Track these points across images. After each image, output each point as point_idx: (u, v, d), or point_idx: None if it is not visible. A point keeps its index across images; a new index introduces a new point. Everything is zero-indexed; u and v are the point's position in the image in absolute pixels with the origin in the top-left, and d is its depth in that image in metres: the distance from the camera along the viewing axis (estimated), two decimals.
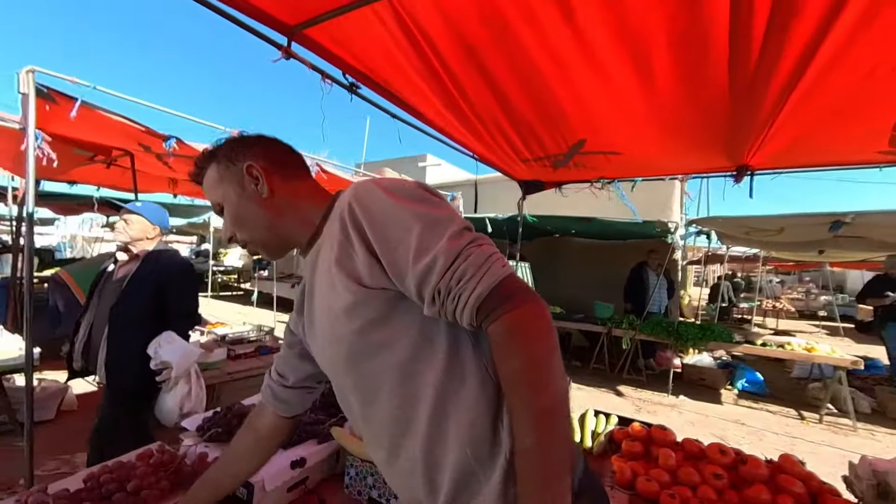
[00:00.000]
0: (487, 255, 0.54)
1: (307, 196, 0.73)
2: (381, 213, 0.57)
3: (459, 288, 0.53)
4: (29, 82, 1.44)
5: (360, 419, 0.66)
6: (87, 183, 4.46)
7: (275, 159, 0.72)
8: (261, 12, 1.23)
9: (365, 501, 1.15)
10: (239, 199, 0.70)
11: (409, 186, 0.61)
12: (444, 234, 0.54)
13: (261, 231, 0.72)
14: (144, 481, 0.88)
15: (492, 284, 0.52)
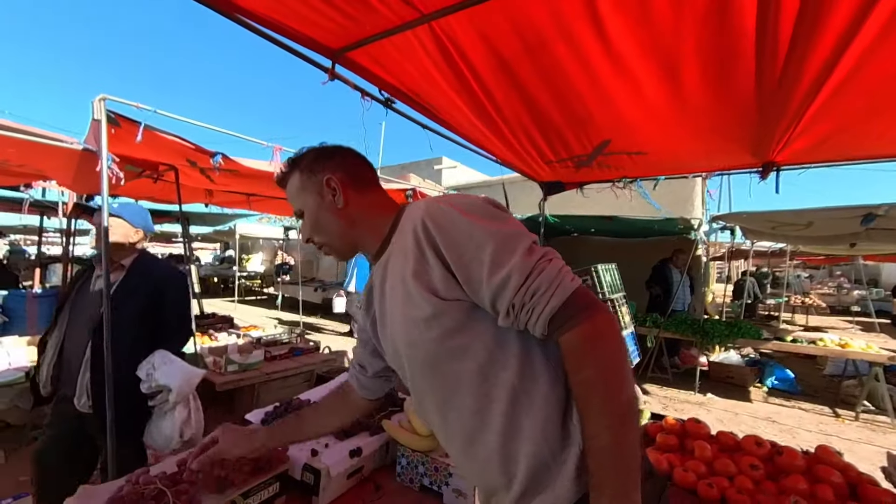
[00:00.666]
0: (558, 270, 0.59)
1: (377, 207, 0.79)
2: (455, 232, 0.62)
3: (533, 302, 0.57)
4: (101, 109, 1.60)
5: (438, 416, 0.72)
6: (128, 196, 4.73)
7: (351, 171, 0.79)
8: (308, 39, 1.34)
9: (417, 489, 1.24)
10: (318, 208, 0.77)
11: (479, 203, 0.66)
12: (516, 249, 0.59)
13: (334, 238, 0.80)
14: (228, 466, 0.99)
15: (564, 298, 0.57)
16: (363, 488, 1.22)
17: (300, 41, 1.35)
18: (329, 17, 1.19)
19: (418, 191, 4.13)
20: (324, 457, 1.18)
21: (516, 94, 1.50)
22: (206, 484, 0.95)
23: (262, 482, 1.03)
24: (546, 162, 2.35)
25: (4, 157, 2.58)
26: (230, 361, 3.08)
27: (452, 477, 1.18)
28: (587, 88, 1.44)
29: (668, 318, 4.68)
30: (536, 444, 0.62)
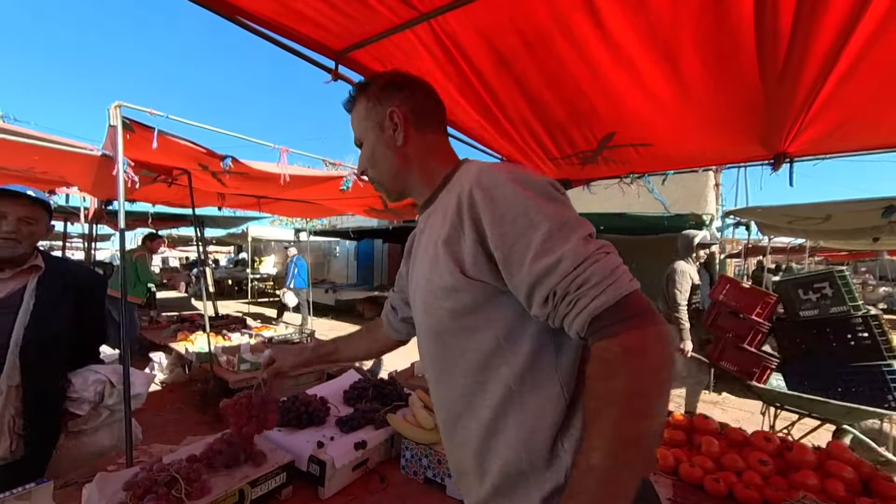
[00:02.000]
0: (616, 266, 0.52)
1: (436, 153, 0.75)
2: (506, 206, 0.56)
3: (578, 293, 0.50)
4: (117, 116, 1.66)
5: (433, 382, 0.73)
6: (143, 201, 4.88)
7: (417, 108, 0.74)
8: (311, 40, 1.37)
9: (421, 481, 1.26)
10: (376, 141, 0.74)
11: (540, 181, 0.59)
12: (571, 236, 0.53)
13: (387, 176, 0.77)
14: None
15: (617, 297, 0.49)
16: (368, 480, 1.25)
17: (303, 43, 1.38)
18: (330, 19, 1.22)
19: None
20: (329, 449, 1.21)
21: (518, 90, 1.51)
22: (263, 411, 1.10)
23: (268, 472, 1.06)
24: (551, 159, 2.34)
25: (30, 165, 2.70)
26: (243, 360, 3.15)
27: None
28: (589, 81, 1.44)
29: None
30: (515, 452, 0.59)
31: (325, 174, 3.23)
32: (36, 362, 1.23)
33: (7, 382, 1.18)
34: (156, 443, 2.78)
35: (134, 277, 4.55)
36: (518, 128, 1.88)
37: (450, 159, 0.76)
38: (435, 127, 0.76)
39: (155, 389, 3.93)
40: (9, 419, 1.19)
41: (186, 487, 0.91)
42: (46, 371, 1.29)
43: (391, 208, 4.60)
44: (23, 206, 1.27)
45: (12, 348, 1.19)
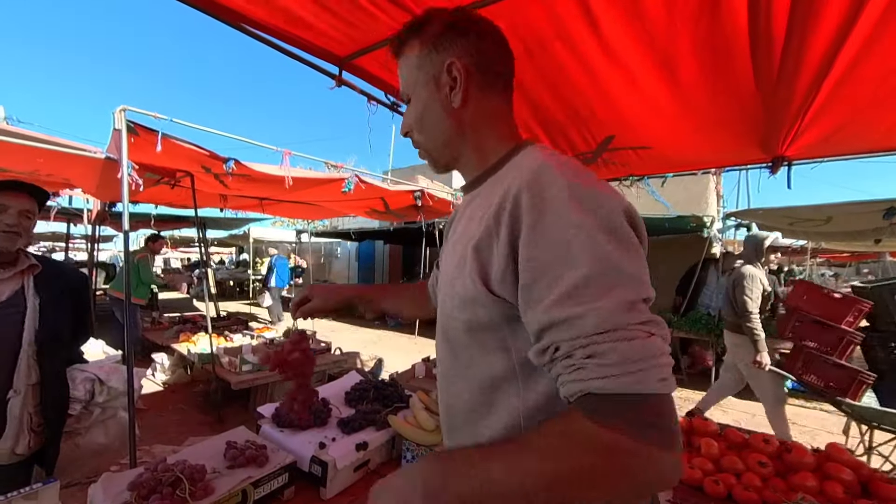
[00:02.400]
0: (654, 354, 0.40)
1: (497, 125, 0.62)
2: (550, 225, 0.45)
3: (584, 363, 0.41)
4: (122, 120, 1.68)
5: (440, 378, 0.68)
6: (147, 202, 4.91)
7: (483, 61, 0.59)
8: (316, 47, 1.39)
9: None
10: (429, 99, 0.60)
11: (608, 207, 0.46)
12: (613, 291, 0.41)
13: (436, 143, 0.64)
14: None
15: (631, 390, 0.39)
16: (370, 481, 1.26)
17: (307, 49, 1.41)
18: (333, 27, 1.24)
19: (426, 192, 4.17)
20: (331, 450, 1.22)
21: (519, 94, 1.52)
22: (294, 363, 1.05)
23: (271, 473, 1.07)
24: None
25: (35, 168, 2.73)
26: (244, 361, 3.17)
27: None
28: (588, 86, 1.46)
29: (683, 316, 4.60)
30: None
31: (327, 176, 3.26)
32: (49, 361, 1.26)
33: (25, 382, 1.22)
34: (158, 443, 2.81)
35: (136, 279, 4.58)
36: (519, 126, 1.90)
37: (511, 136, 0.62)
38: (501, 89, 0.62)
39: (157, 390, 3.95)
40: (27, 417, 1.23)
41: (190, 487, 0.93)
42: (57, 370, 1.31)
43: (393, 210, 4.62)
44: (24, 199, 1.27)
45: (25, 348, 1.21)
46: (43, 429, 1.27)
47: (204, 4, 1.11)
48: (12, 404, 1.20)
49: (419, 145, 0.66)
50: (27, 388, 1.22)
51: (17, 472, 1.25)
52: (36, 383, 1.25)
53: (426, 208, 4.39)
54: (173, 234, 10.89)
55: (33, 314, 1.23)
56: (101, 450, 1.60)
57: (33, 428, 1.25)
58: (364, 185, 3.24)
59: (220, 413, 3.27)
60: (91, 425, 1.56)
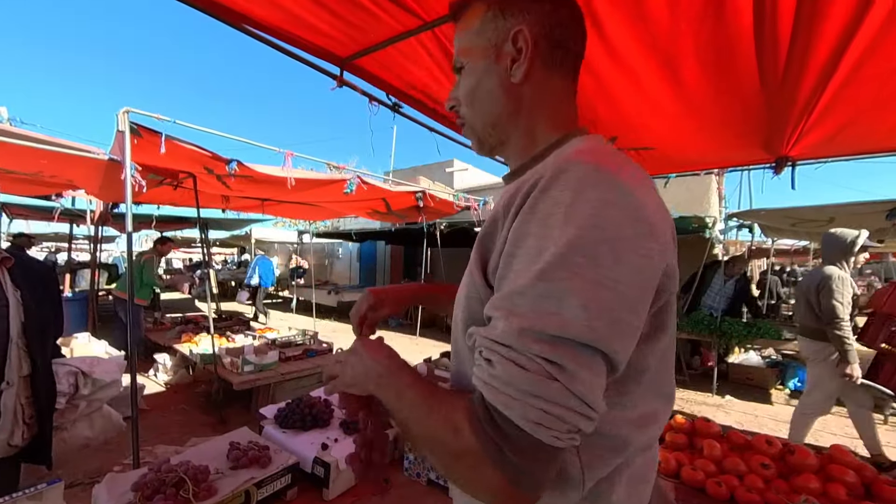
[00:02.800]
0: (541, 395, 0.36)
1: (555, 109, 0.54)
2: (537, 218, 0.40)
3: (481, 361, 0.40)
4: (125, 121, 1.69)
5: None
6: (149, 203, 4.93)
7: (555, 33, 0.52)
8: (317, 48, 1.39)
9: (424, 483, 1.27)
10: (485, 71, 0.54)
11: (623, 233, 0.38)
12: (540, 315, 0.37)
13: (484, 121, 0.56)
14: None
15: (501, 409, 0.37)
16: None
17: (309, 50, 1.41)
18: (335, 27, 1.24)
19: (427, 193, 4.18)
20: (333, 451, 1.22)
21: None
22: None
23: (274, 474, 1.07)
24: None
25: (38, 169, 2.74)
26: (246, 362, 3.17)
27: None
28: (591, 87, 1.45)
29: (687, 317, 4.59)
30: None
31: (329, 177, 3.26)
32: (39, 353, 1.27)
33: (17, 374, 1.22)
34: (160, 444, 2.81)
35: (138, 280, 4.60)
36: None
37: (567, 123, 0.55)
38: (569, 69, 0.55)
39: (159, 390, 3.95)
40: (20, 409, 1.24)
41: (194, 488, 0.93)
42: (47, 361, 1.33)
43: (394, 211, 4.63)
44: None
45: (15, 340, 1.22)
46: (35, 420, 1.29)
47: (206, 5, 1.11)
48: (6, 396, 1.20)
49: (466, 122, 0.59)
50: (19, 380, 1.23)
51: (8, 465, 1.27)
52: (27, 375, 1.26)
53: (427, 209, 4.39)
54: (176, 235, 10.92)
55: (17, 307, 1.23)
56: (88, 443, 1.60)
57: (26, 420, 1.26)
58: (366, 185, 3.24)
59: (222, 413, 3.28)
60: (76, 419, 1.56)
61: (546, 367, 0.36)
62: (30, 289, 1.28)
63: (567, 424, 0.36)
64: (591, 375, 0.37)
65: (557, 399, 0.36)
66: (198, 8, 1.12)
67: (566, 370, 0.36)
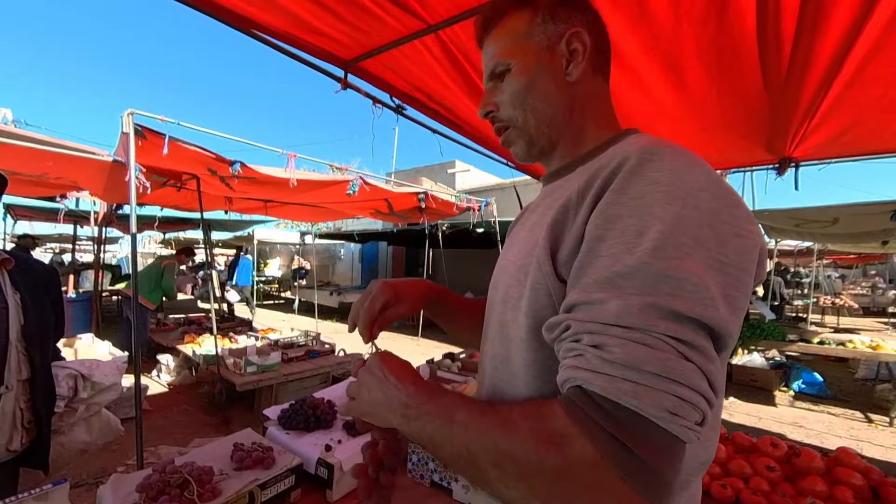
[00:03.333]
0: (673, 376, 0.32)
1: (600, 109, 0.55)
2: (631, 198, 0.38)
3: (585, 349, 0.35)
4: (129, 123, 1.70)
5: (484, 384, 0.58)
6: (153, 204, 4.95)
7: (599, 40, 0.54)
8: (321, 51, 1.40)
9: (427, 484, 1.26)
10: (538, 69, 0.53)
11: (723, 200, 0.38)
12: (658, 293, 0.33)
13: (538, 119, 0.54)
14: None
15: (619, 400, 0.32)
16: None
17: (314, 53, 1.41)
18: (340, 31, 1.25)
19: (430, 194, 4.18)
20: (337, 452, 1.22)
21: None
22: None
23: (277, 475, 1.07)
24: None
25: (44, 171, 2.76)
26: (249, 363, 3.18)
27: None
28: None
29: None
30: None
31: (332, 178, 3.27)
32: (39, 356, 1.25)
33: (16, 377, 1.19)
34: (163, 444, 2.82)
35: (155, 283, 4.61)
36: None
37: (613, 123, 0.56)
38: (606, 73, 0.56)
39: (162, 391, 3.97)
40: (19, 413, 1.21)
41: (198, 489, 0.93)
42: (47, 364, 1.31)
43: (396, 212, 4.64)
44: None
45: (15, 343, 1.19)
46: (33, 425, 1.27)
47: (214, 10, 1.12)
48: (4, 400, 1.18)
49: (511, 124, 0.56)
50: (18, 385, 1.20)
51: (7, 470, 1.24)
52: (27, 379, 1.23)
53: (429, 210, 4.40)
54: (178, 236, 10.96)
55: (16, 309, 1.20)
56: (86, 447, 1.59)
57: (24, 424, 1.24)
58: (368, 187, 3.25)
59: (225, 414, 3.29)
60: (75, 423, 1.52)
61: (678, 346, 0.32)
62: (30, 291, 1.26)
63: (698, 413, 0.32)
64: (716, 357, 0.34)
65: (693, 382, 0.32)
66: (206, 13, 1.13)
67: (698, 349, 0.33)
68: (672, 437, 0.32)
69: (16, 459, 1.26)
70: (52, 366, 1.41)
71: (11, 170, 2.76)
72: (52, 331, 1.35)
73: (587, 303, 0.37)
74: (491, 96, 0.58)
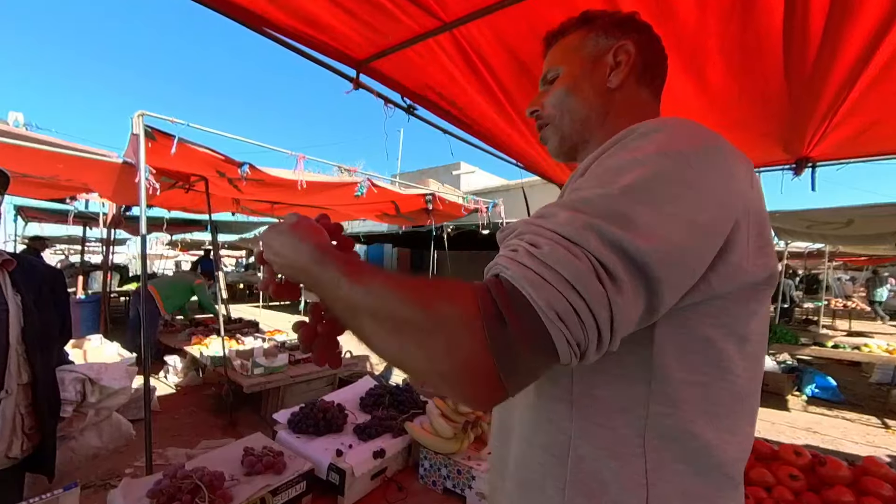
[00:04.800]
0: (582, 292, 0.32)
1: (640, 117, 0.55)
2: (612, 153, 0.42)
3: (519, 244, 0.36)
4: (139, 125, 1.70)
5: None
6: (159, 206, 4.98)
7: (650, 57, 0.60)
8: (334, 50, 1.39)
9: (440, 491, 1.24)
10: (581, 75, 0.60)
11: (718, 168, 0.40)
12: (610, 219, 0.34)
13: (573, 118, 0.61)
14: None
15: (521, 285, 0.33)
16: (387, 489, 1.24)
17: (326, 53, 1.40)
18: (354, 29, 1.23)
19: (437, 196, 4.16)
20: (348, 457, 1.20)
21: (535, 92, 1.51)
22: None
23: (289, 481, 1.06)
24: (568, 164, 2.33)
25: (55, 173, 2.78)
26: (256, 365, 3.17)
27: (476, 480, 1.17)
28: None
29: None
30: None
31: (340, 181, 3.27)
32: (40, 360, 1.22)
33: (16, 381, 1.17)
34: (171, 446, 2.82)
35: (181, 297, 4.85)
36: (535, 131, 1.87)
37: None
38: (655, 90, 0.61)
39: (169, 392, 3.98)
40: (19, 419, 1.18)
41: (210, 495, 0.92)
42: (49, 369, 1.28)
43: (403, 214, 4.62)
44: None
45: (15, 346, 1.16)
46: (36, 431, 1.24)
47: (227, 8, 1.11)
48: (4, 405, 1.15)
49: (550, 122, 0.63)
50: (18, 389, 1.18)
51: (8, 477, 1.21)
52: (28, 383, 1.20)
53: (437, 212, 4.38)
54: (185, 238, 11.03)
55: (17, 312, 1.17)
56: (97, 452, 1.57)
57: (26, 430, 1.21)
58: (376, 189, 3.24)
59: (232, 416, 3.28)
60: (85, 428, 1.50)
61: (598, 268, 0.33)
62: (32, 293, 1.23)
63: (582, 336, 0.32)
64: (632, 300, 0.34)
65: (593, 302, 0.32)
66: (219, 11, 1.12)
67: (616, 280, 0.33)
68: (546, 337, 0.32)
69: (18, 466, 1.22)
70: (59, 370, 1.39)
71: (24, 172, 2.78)
72: (54, 334, 1.32)
73: (541, 215, 0.38)
74: (540, 98, 0.65)
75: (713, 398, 0.43)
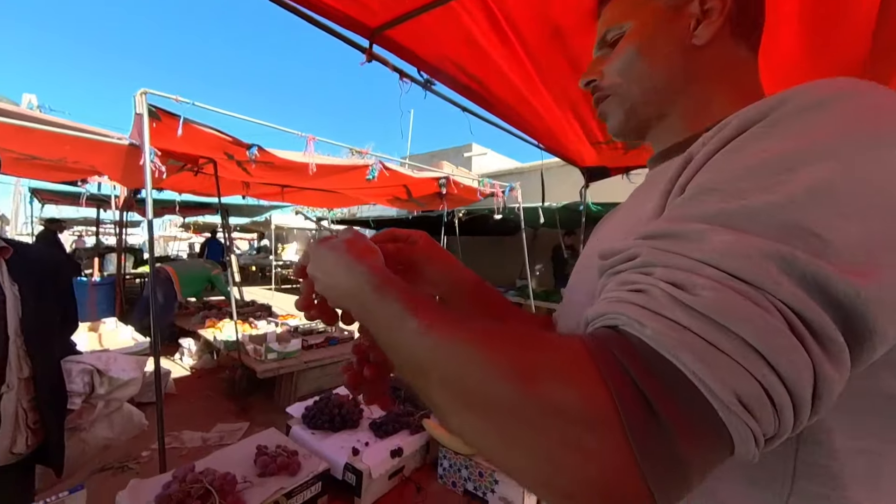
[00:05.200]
0: (775, 363, 0.21)
1: (742, 79, 0.45)
2: (803, 128, 0.26)
3: (651, 285, 0.24)
4: (143, 103, 1.61)
5: None
6: (170, 189, 4.95)
7: (746, 4, 0.44)
8: (345, 16, 1.26)
9: (460, 492, 1.18)
10: (656, 28, 0.46)
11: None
12: (782, 241, 0.22)
13: (644, 87, 0.47)
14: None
15: (682, 360, 0.21)
16: (404, 489, 1.18)
17: (336, 19, 1.28)
18: None
19: (451, 179, 4.03)
20: (365, 456, 1.14)
21: (569, 68, 1.36)
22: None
23: (304, 483, 1.00)
24: (593, 143, 2.18)
25: (62, 155, 2.73)
26: (270, 350, 3.16)
27: (499, 484, 1.11)
28: None
29: None
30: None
31: (351, 163, 3.16)
32: (41, 353, 1.18)
33: (17, 375, 1.13)
34: (186, 429, 2.84)
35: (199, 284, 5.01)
36: (562, 106, 1.73)
37: (752, 96, 0.40)
38: (754, 44, 0.46)
39: (184, 374, 4.02)
40: (21, 413, 1.15)
41: (221, 501, 0.86)
42: (51, 361, 1.23)
43: (415, 198, 4.51)
44: None
45: (13, 339, 1.12)
46: (40, 425, 1.20)
47: None
48: (5, 400, 1.11)
49: (612, 92, 0.49)
50: (19, 383, 1.14)
51: (17, 472, 1.18)
52: (29, 377, 1.16)
53: (450, 196, 4.25)
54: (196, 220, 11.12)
55: (14, 302, 1.12)
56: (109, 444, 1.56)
57: (30, 425, 1.17)
58: (388, 172, 3.12)
59: (246, 401, 3.30)
60: (95, 419, 1.48)
61: (796, 323, 0.21)
62: (32, 282, 1.17)
63: (774, 427, 0.21)
64: (843, 366, 0.22)
65: (793, 380, 0.21)
66: None
67: (823, 339, 0.21)
68: (720, 432, 0.21)
69: (24, 462, 1.19)
70: (65, 361, 1.36)
71: (32, 154, 2.73)
72: (56, 324, 1.27)
73: (674, 234, 0.26)
74: (597, 65, 0.51)
75: (889, 472, 0.31)
